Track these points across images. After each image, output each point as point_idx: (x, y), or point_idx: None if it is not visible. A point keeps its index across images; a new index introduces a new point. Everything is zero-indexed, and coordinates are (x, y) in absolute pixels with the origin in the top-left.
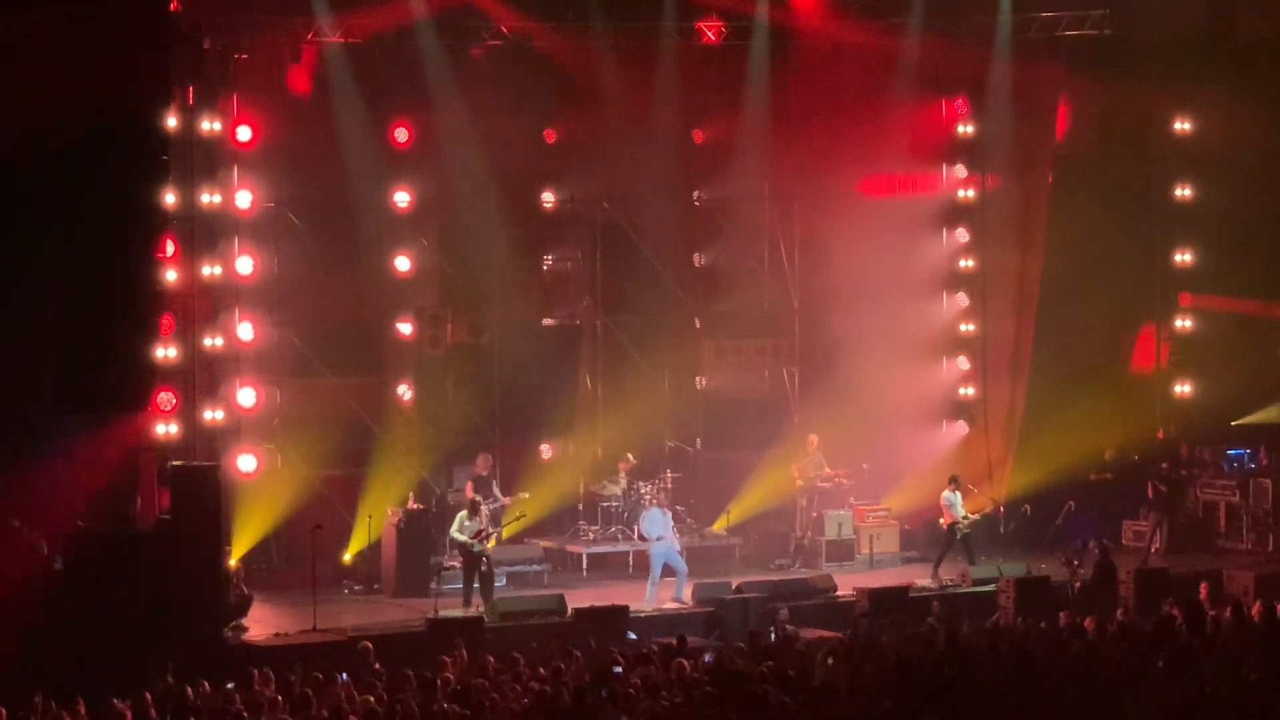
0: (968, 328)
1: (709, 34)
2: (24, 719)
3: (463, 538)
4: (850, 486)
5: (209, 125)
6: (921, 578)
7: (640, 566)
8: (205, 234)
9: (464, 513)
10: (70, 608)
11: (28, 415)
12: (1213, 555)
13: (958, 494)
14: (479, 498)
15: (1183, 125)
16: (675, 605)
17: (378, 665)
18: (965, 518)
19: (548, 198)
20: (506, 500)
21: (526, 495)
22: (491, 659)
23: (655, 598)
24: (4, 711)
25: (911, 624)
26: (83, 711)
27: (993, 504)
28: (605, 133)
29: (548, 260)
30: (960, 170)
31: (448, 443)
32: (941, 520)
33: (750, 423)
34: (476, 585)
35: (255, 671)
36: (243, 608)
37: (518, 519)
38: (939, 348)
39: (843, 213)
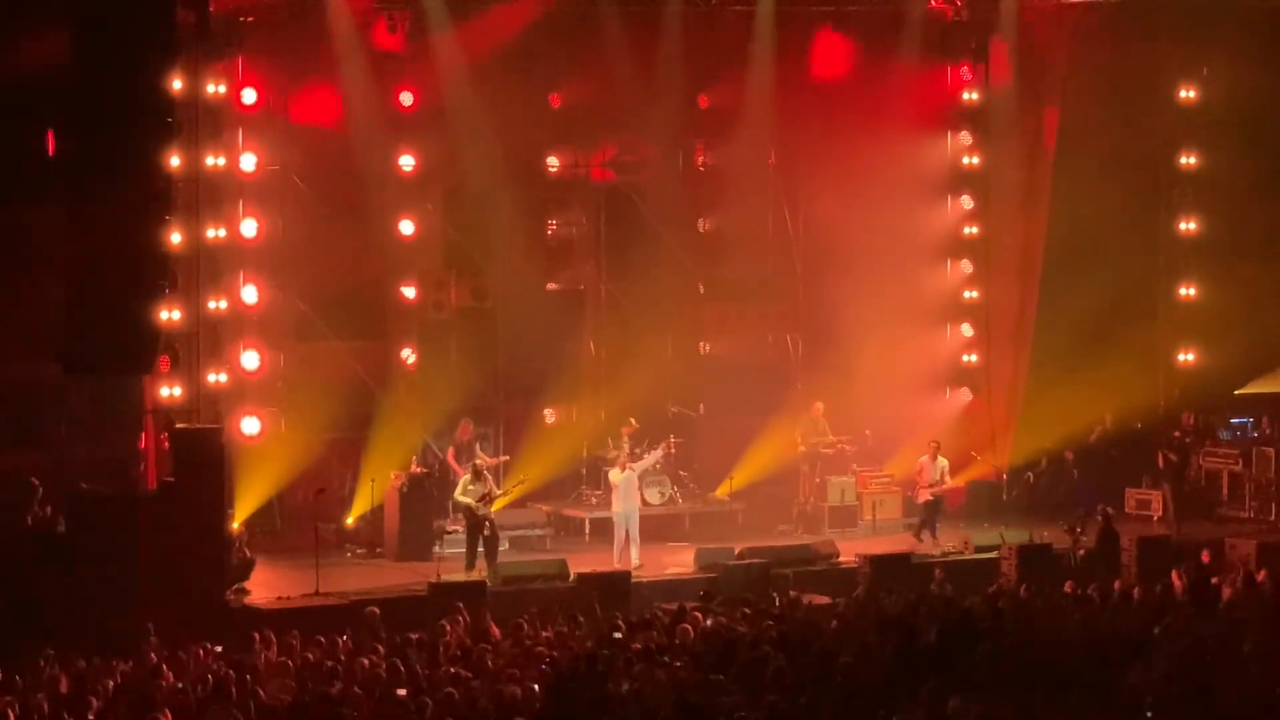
0: (971, 294)
1: None
2: (25, 679)
3: (467, 500)
4: (853, 453)
5: (214, 88)
6: (923, 544)
7: (646, 532)
8: (210, 197)
9: (468, 475)
10: (72, 570)
11: (32, 378)
12: (1215, 524)
13: (939, 460)
14: (480, 461)
15: (1188, 93)
16: (680, 570)
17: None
18: (935, 483)
19: (553, 162)
20: (491, 461)
21: (507, 458)
22: (493, 624)
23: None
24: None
25: (914, 590)
26: (83, 671)
27: (995, 470)
28: (610, 97)
29: (552, 225)
30: (965, 137)
31: (451, 407)
32: (922, 490)
33: (753, 388)
34: (481, 549)
35: (257, 634)
36: (245, 571)
37: (520, 483)
38: (942, 314)
39: (847, 179)
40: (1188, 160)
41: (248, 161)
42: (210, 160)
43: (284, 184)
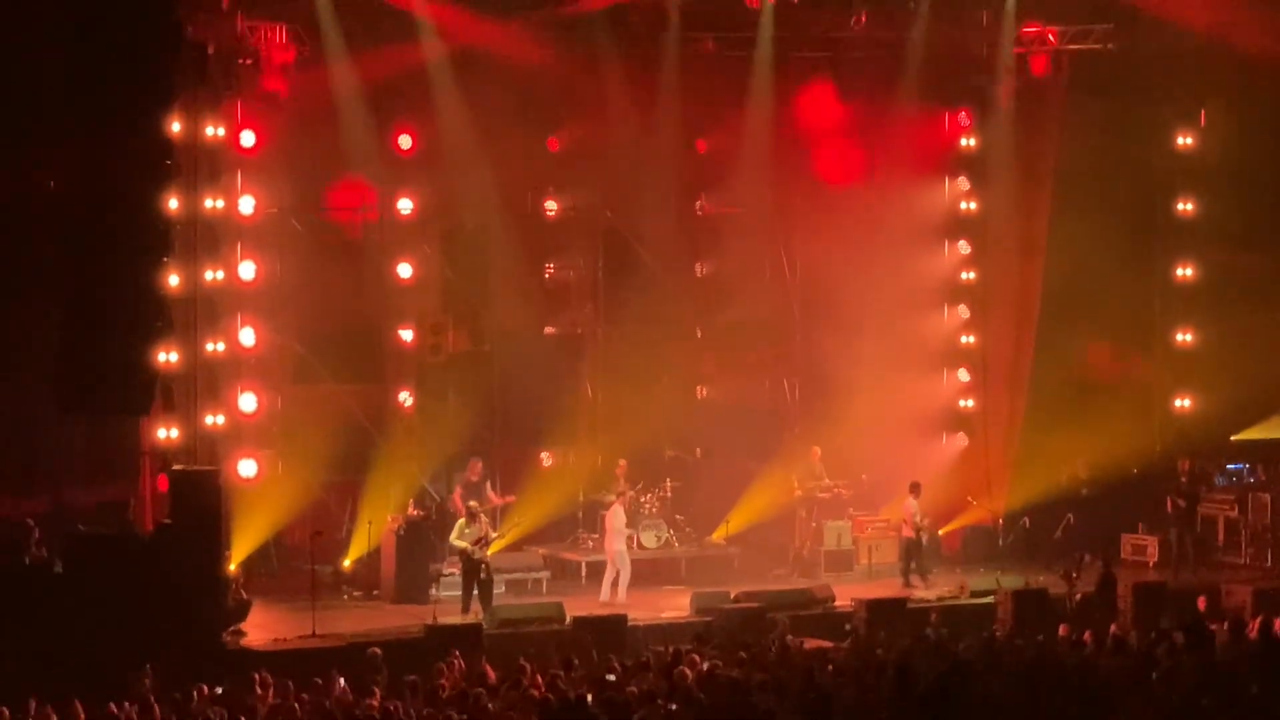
0: (968, 340)
1: (710, 44)
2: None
3: (463, 544)
4: (849, 497)
5: (213, 130)
6: (919, 589)
7: (642, 575)
8: (208, 240)
9: (463, 520)
10: (69, 610)
11: (29, 417)
12: (1211, 569)
13: (917, 501)
14: (476, 505)
15: (1185, 140)
16: (676, 613)
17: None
18: (924, 524)
19: (550, 206)
20: (498, 500)
21: (514, 498)
22: (489, 666)
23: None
24: (6, 711)
25: (910, 635)
26: (80, 715)
27: (991, 515)
28: (608, 141)
29: (550, 268)
30: (963, 183)
31: (448, 450)
32: (904, 529)
33: (750, 432)
34: (475, 592)
35: (255, 675)
36: (242, 613)
37: (514, 526)
38: (939, 359)
39: (844, 224)
40: (1184, 207)
41: (246, 204)
42: (209, 203)
43: (282, 227)
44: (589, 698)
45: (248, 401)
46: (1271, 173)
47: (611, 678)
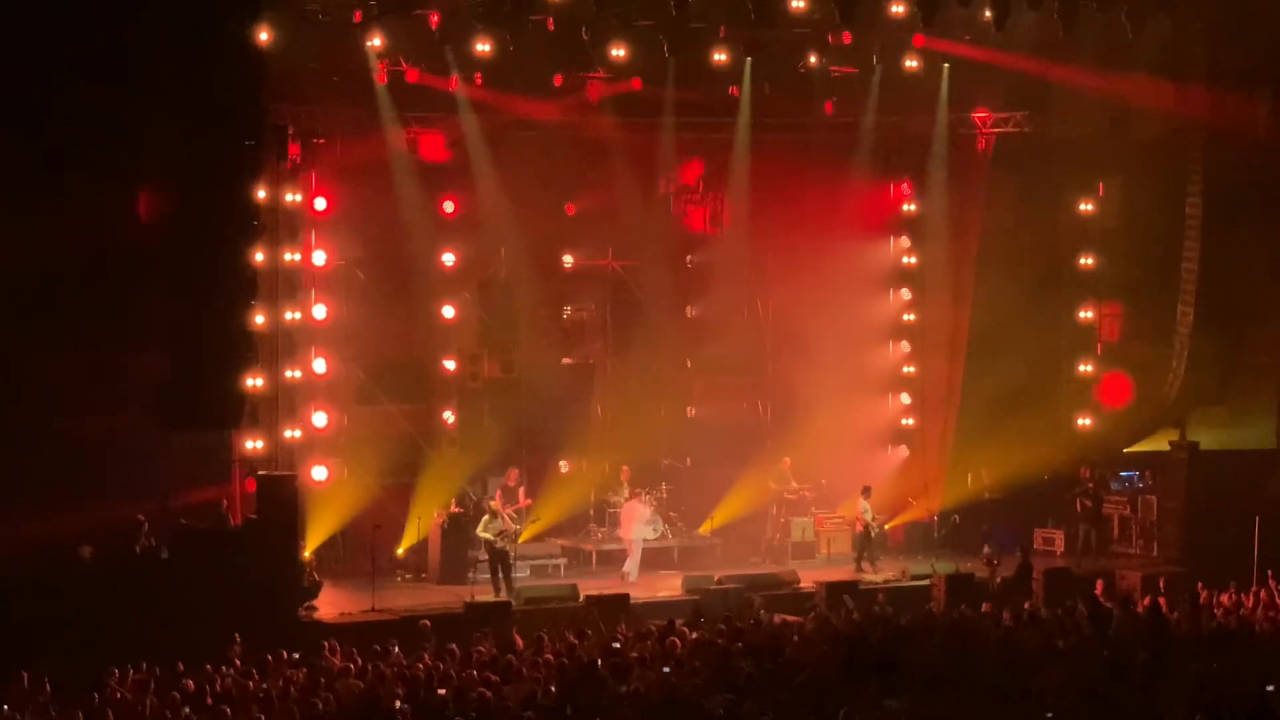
0: (909, 370)
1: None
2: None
3: (487, 535)
4: (812, 498)
5: (292, 197)
6: (869, 573)
7: (640, 562)
8: (287, 286)
9: (487, 516)
10: (173, 590)
11: (141, 433)
12: (1107, 558)
13: (868, 503)
14: (495, 504)
15: (1086, 206)
16: (669, 593)
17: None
18: (873, 520)
19: (568, 259)
20: (527, 502)
21: (530, 502)
22: (518, 636)
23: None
24: (116, 671)
25: (861, 611)
26: (182, 674)
27: (928, 513)
28: (615, 207)
29: (567, 310)
30: (904, 241)
31: (484, 459)
32: (856, 524)
33: (731, 445)
34: (501, 575)
35: (325, 644)
36: (314, 592)
37: (533, 522)
38: (885, 385)
39: (808, 274)
40: (1085, 261)
41: (318, 257)
42: (288, 256)
43: (348, 276)
44: (598, 662)
45: (319, 418)
46: (1154, 235)
47: (617, 645)
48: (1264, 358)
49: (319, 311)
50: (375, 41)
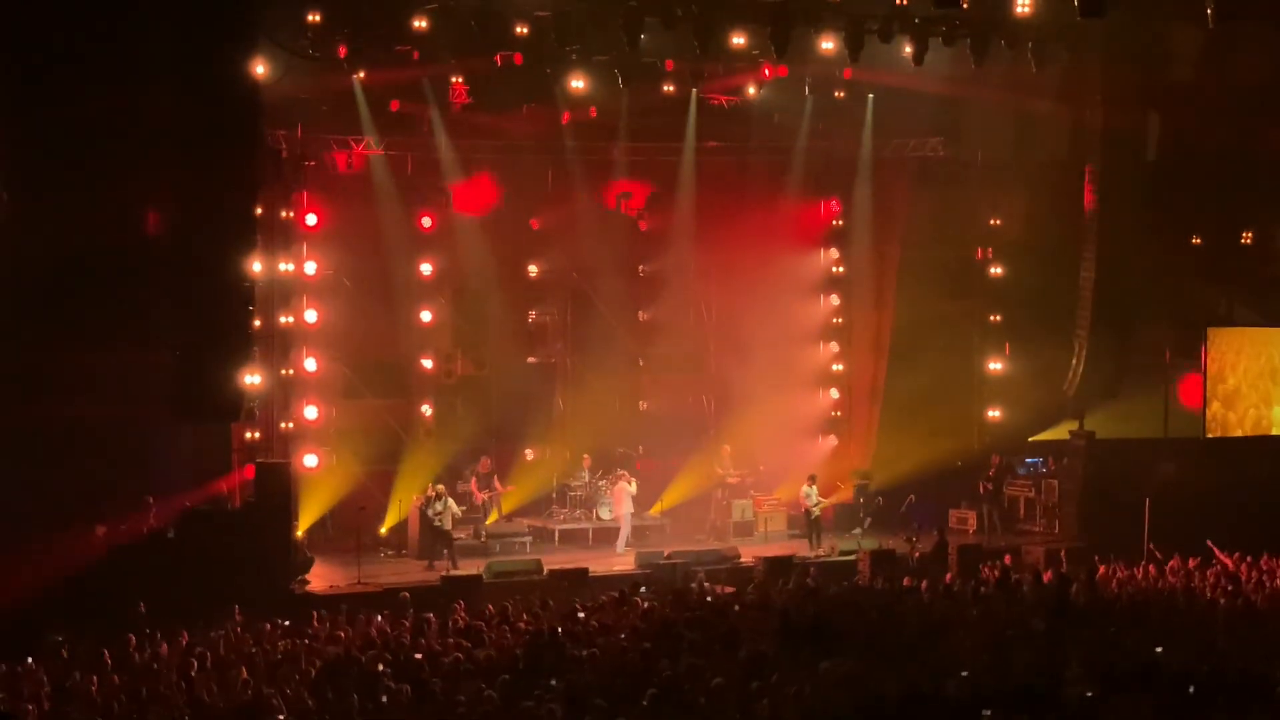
0: (838, 367)
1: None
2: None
3: (430, 513)
4: (750, 482)
5: (285, 213)
6: (804, 549)
7: (599, 539)
8: (282, 293)
9: (433, 496)
10: (179, 565)
11: (151, 423)
12: (1015, 535)
13: (814, 488)
14: (441, 489)
15: (994, 221)
16: (623, 567)
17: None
18: (817, 504)
19: (533, 268)
20: (500, 489)
21: (514, 488)
22: (490, 606)
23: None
24: (133, 638)
25: (795, 583)
26: (184, 641)
27: (843, 484)
28: (575, 222)
29: (532, 314)
30: (834, 252)
31: (458, 448)
32: (802, 507)
33: (678, 435)
34: (446, 551)
35: (315, 613)
36: (306, 567)
37: (498, 508)
38: (816, 381)
39: (747, 282)
40: (995, 270)
41: (309, 267)
42: (282, 266)
43: (336, 284)
44: (560, 629)
45: (310, 412)
46: (1052, 248)
47: (581, 615)
48: (1153, 357)
49: (310, 316)
50: (360, 74)
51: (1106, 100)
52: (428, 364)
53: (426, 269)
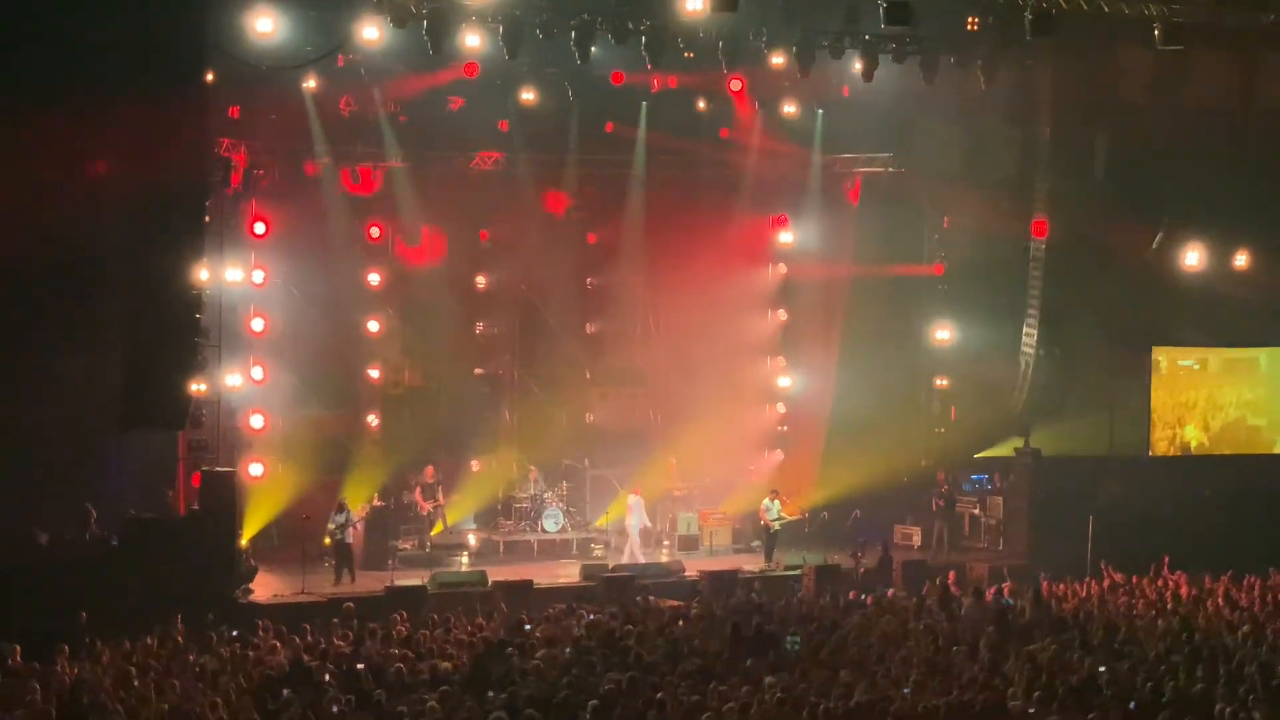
0: (785, 382)
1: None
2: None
3: (332, 527)
4: (696, 495)
5: (234, 221)
6: (749, 564)
7: (543, 552)
8: (229, 301)
9: (334, 511)
10: (122, 574)
11: (98, 433)
12: (960, 552)
13: (775, 503)
14: (344, 500)
15: (935, 236)
16: (567, 579)
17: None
18: (777, 520)
19: (480, 280)
20: (444, 501)
21: (444, 502)
22: (435, 616)
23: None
24: (67, 649)
25: (739, 597)
26: (127, 647)
27: (800, 511)
28: (524, 235)
29: (480, 326)
30: (782, 267)
31: (404, 458)
32: (761, 521)
33: (625, 448)
34: (345, 567)
35: (259, 622)
36: (250, 576)
37: (442, 520)
38: (763, 396)
39: (695, 296)
40: (943, 287)
41: (257, 275)
42: (230, 274)
43: (284, 293)
44: (504, 641)
45: (257, 420)
46: (989, 261)
47: (527, 627)
48: (1097, 376)
49: (257, 324)
50: (310, 84)
51: (1055, 119)
52: (374, 374)
53: (374, 279)
